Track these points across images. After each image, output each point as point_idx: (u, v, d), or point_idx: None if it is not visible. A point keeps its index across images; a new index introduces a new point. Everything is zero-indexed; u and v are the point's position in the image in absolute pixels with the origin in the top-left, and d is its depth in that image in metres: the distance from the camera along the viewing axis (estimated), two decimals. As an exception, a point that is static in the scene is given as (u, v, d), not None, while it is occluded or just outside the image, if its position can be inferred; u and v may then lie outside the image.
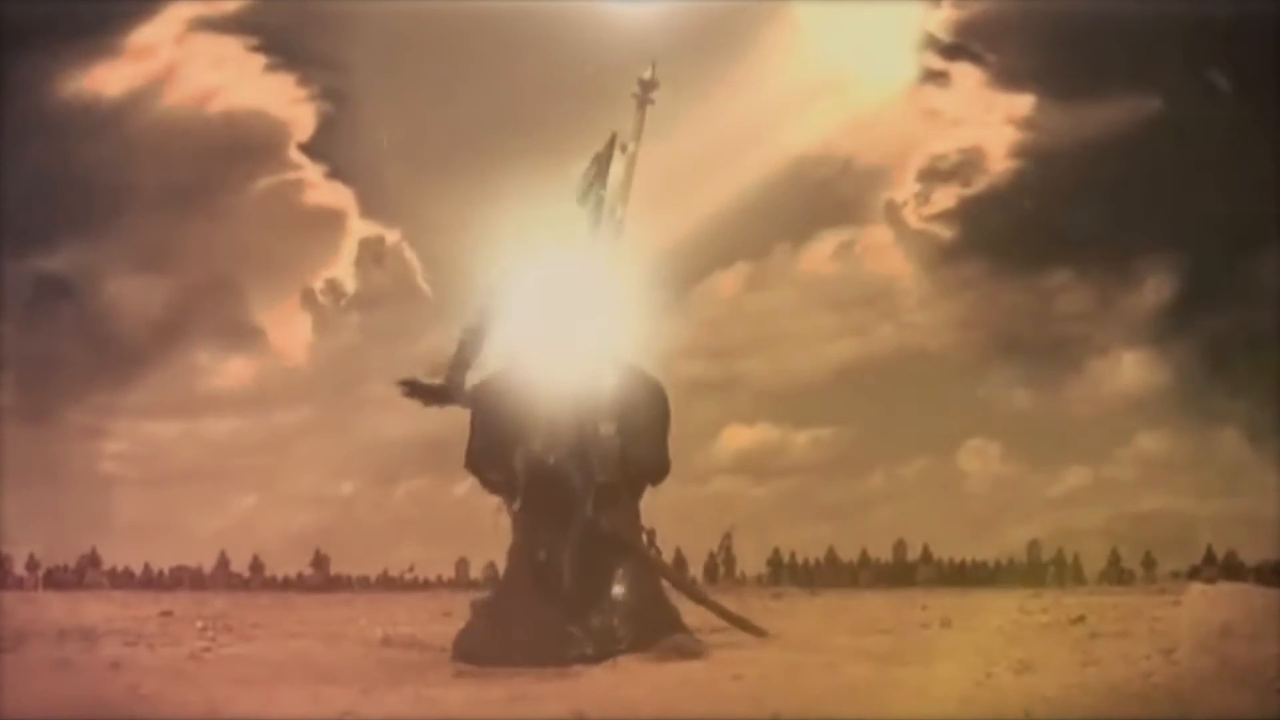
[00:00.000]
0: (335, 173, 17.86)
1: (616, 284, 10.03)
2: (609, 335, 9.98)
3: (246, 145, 17.83)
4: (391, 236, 18.02)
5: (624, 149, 10.11)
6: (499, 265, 10.07)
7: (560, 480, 9.50)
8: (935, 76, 17.32)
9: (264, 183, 18.01)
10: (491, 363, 9.99)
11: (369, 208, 17.90)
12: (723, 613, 10.63)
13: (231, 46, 17.36)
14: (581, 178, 10.15)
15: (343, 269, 18.16)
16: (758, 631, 10.50)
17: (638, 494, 9.90)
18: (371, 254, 18.05)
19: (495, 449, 9.70)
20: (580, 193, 10.10)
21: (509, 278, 10.08)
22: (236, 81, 17.53)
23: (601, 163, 10.15)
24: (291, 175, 17.96)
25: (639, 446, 9.78)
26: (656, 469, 9.95)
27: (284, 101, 17.74)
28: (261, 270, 18.06)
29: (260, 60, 17.43)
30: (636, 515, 9.89)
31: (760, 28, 15.85)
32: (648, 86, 10.20)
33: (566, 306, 9.97)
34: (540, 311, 9.97)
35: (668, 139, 15.20)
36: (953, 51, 17.23)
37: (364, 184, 17.71)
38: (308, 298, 18.20)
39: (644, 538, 9.87)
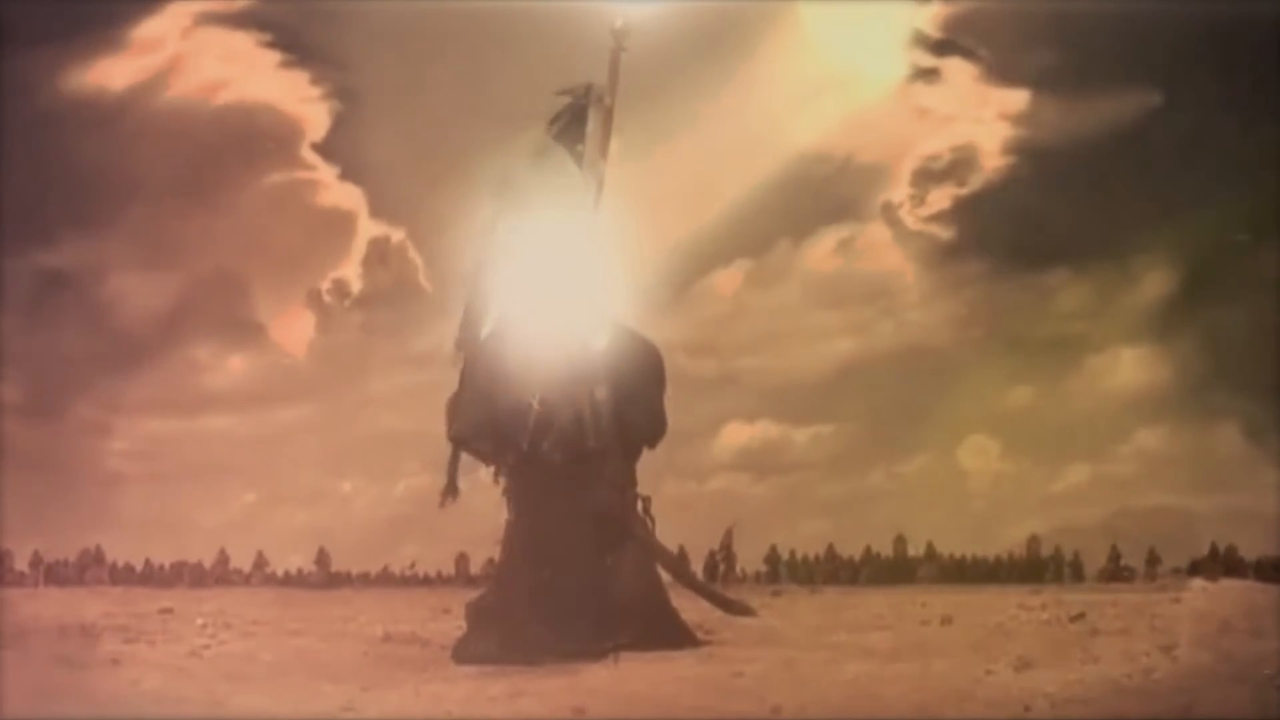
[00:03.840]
0: (347, 174, 17.83)
1: (601, 243, 9.84)
2: (598, 295, 9.80)
3: (254, 141, 17.78)
4: (397, 235, 18.00)
5: (600, 101, 9.93)
6: (485, 213, 9.90)
7: (555, 447, 9.35)
8: (927, 73, 17.32)
9: (272, 179, 17.98)
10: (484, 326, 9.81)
11: (378, 208, 17.89)
12: (712, 596, 10.64)
13: (240, 41, 17.35)
14: (548, 128, 9.98)
15: (351, 269, 18.15)
16: (746, 610, 10.50)
17: (633, 457, 9.77)
18: (378, 254, 18.04)
19: (485, 417, 9.53)
20: (541, 145, 9.94)
21: (498, 227, 9.87)
22: (245, 77, 17.51)
23: (574, 113, 9.96)
24: (303, 175, 17.94)
25: (633, 409, 9.65)
26: (652, 431, 9.82)
27: (295, 99, 17.71)
28: (268, 269, 18.00)
29: (272, 57, 17.41)
30: (632, 481, 9.78)
31: (762, 28, 15.83)
32: (620, 36, 9.93)
33: (554, 266, 9.75)
34: (528, 273, 9.76)
35: (670, 139, 15.30)
36: (944, 47, 17.21)
37: (374, 184, 17.69)
38: (313, 297, 18.19)
39: (639, 504, 9.77)
